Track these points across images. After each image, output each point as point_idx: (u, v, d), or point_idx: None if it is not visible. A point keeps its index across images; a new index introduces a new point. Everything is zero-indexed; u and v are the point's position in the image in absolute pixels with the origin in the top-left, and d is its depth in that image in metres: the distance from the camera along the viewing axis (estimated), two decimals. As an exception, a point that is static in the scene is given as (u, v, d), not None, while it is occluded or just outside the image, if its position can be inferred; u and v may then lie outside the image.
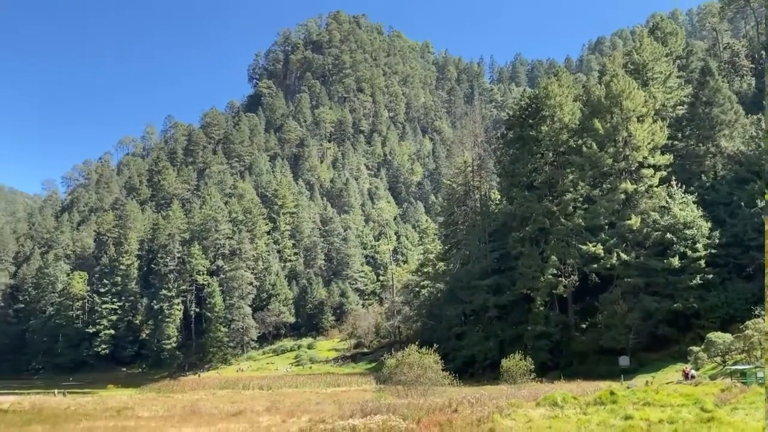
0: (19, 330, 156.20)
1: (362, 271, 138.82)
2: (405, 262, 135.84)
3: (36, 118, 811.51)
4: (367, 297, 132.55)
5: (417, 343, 49.36)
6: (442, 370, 46.22)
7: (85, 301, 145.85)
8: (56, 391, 72.80)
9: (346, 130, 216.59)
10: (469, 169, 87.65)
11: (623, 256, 59.61)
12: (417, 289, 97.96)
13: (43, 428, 34.37)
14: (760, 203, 55.51)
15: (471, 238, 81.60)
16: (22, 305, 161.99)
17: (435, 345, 48.97)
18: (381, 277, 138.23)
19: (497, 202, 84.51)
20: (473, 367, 67.94)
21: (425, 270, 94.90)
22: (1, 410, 48.09)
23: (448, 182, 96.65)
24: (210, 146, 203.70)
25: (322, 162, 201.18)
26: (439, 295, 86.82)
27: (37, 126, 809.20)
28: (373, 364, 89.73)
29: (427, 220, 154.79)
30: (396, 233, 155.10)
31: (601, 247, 60.94)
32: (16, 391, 78.62)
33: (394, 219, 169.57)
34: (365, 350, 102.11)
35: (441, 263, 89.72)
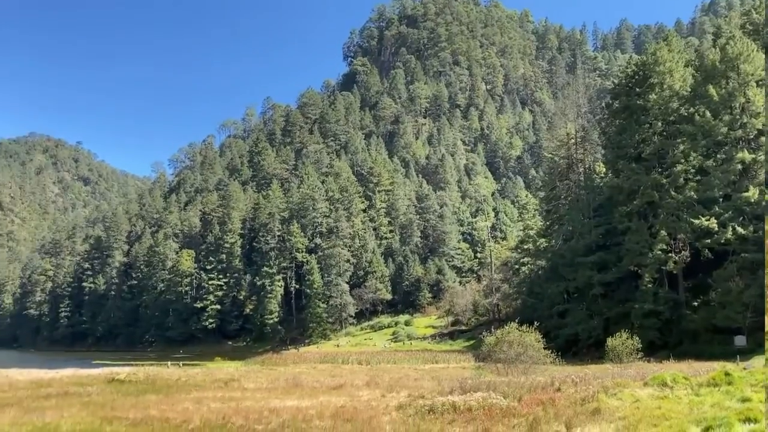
0: (133, 305, 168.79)
1: (459, 249, 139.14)
2: (504, 238, 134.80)
3: (145, 105, 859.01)
4: (464, 274, 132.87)
5: (517, 321, 49.34)
6: (544, 348, 46.08)
7: (193, 277, 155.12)
8: (170, 363, 78.41)
9: (441, 105, 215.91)
10: (572, 141, 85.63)
11: (740, 230, 56.75)
12: (516, 266, 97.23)
13: (157, 398, 37.40)
14: None
15: (574, 214, 79.96)
16: (135, 282, 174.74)
17: (536, 323, 48.72)
18: (479, 254, 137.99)
19: (602, 175, 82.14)
20: (576, 345, 67.09)
21: (525, 247, 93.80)
22: (118, 380, 52.53)
23: (550, 155, 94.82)
24: (306, 126, 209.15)
25: (417, 138, 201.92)
26: (540, 272, 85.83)
27: (146, 112, 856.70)
28: (471, 342, 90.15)
29: (526, 195, 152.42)
30: (494, 209, 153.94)
31: (715, 220, 58.28)
32: (131, 362, 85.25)
33: (492, 195, 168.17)
34: (463, 328, 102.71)
35: (542, 240, 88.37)
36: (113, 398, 37.10)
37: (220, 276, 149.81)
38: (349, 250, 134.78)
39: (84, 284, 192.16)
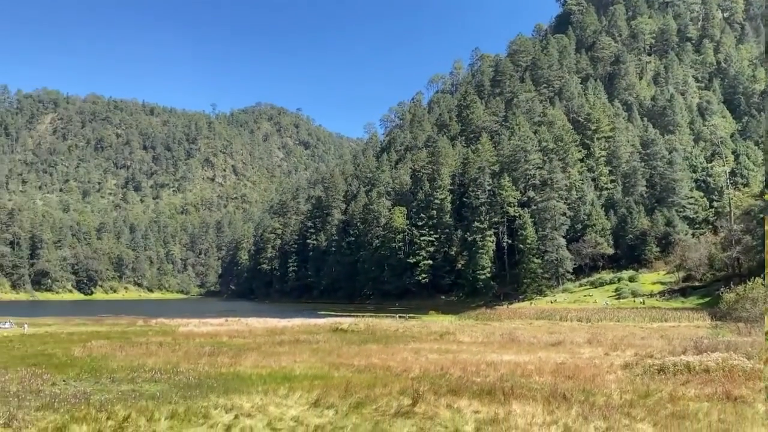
0: (352, 260, 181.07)
1: (691, 197, 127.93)
2: (745, 185, 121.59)
3: (356, 68, 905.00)
4: (697, 226, 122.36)
5: (762, 276, 44.66)
6: (796, 307, 41.29)
7: (405, 233, 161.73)
8: (398, 315, 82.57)
9: (669, 40, 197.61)
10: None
11: None
12: (761, 215, 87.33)
13: (378, 347, 40.09)
14: None
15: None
16: (353, 238, 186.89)
17: (784, 278, 43.75)
18: (715, 203, 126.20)
19: None
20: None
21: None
22: (342, 330, 57.14)
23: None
24: (517, 74, 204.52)
25: (640, 78, 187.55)
26: (791, 220, 76.18)
27: (358, 76, 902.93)
28: (706, 299, 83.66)
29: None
30: (734, 152, 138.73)
31: None
32: (352, 313, 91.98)
33: (731, 136, 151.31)
34: (696, 284, 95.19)
35: (794, 183, 78.15)
36: (338, 346, 40.64)
37: (431, 232, 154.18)
38: (565, 203, 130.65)
39: (308, 241, 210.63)
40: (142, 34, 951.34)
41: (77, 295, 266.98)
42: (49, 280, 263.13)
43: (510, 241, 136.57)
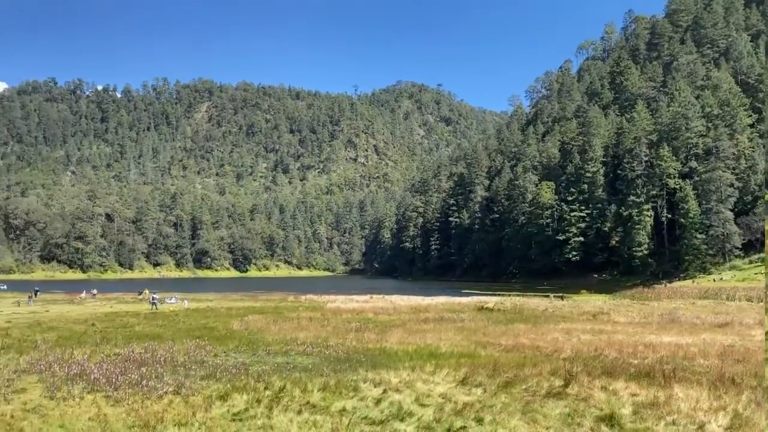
0: (496, 238, 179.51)
1: None
2: None
3: (498, 39, 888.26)
4: None
5: None
6: None
7: (554, 209, 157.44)
8: (552, 295, 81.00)
9: None
10: None
11: None
12: None
13: (525, 327, 39.68)
14: None
15: None
16: (497, 215, 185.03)
17: None
18: None
19: None
20: None
21: None
22: (487, 308, 57.05)
23: None
24: (677, 36, 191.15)
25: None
26: None
27: (500, 46, 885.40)
28: None
29: None
30: None
31: None
32: (497, 292, 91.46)
33: None
34: None
35: None
36: (484, 325, 40.78)
37: (582, 207, 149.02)
38: (732, 173, 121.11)
39: (450, 219, 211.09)
40: (285, 21, 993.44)
41: (233, 273, 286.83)
42: (209, 259, 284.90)
43: (669, 216, 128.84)
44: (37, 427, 14.88)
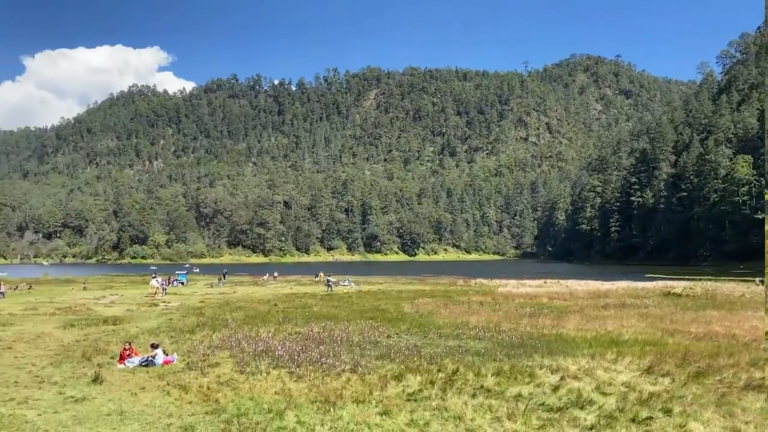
0: (684, 218, 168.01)
1: None
2: None
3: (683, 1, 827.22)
4: None
5: None
6: None
7: (752, 185, 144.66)
8: (757, 280, 74.16)
9: None
10: None
11: None
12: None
13: (719, 313, 36.70)
14: None
15: None
16: (685, 193, 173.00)
17: None
18: None
19: None
20: None
21: None
22: (674, 294, 53.49)
23: None
24: None
25: None
26: None
27: (687, 8, 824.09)
28: None
29: None
30: None
31: None
32: (685, 277, 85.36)
33: None
34: None
35: None
36: (671, 311, 38.30)
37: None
38: None
39: (632, 198, 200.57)
40: (449, 3, 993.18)
41: (402, 256, 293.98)
42: (378, 243, 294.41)
43: None
44: (230, 398, 16.09)
